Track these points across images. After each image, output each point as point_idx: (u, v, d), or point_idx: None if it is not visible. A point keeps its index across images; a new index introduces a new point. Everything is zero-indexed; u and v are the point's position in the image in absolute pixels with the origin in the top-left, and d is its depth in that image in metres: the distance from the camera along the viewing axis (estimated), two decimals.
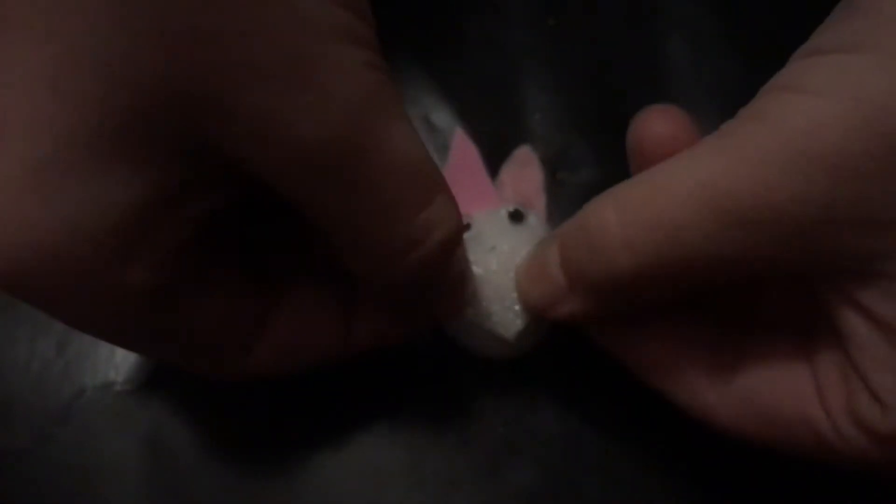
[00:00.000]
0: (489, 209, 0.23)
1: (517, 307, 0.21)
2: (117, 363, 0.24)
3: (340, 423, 0.23)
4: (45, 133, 0.14)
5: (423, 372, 0.23)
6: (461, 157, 0.25)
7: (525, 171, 0.25)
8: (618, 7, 0.29)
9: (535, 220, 0.23)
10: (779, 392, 0.18)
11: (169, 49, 0.14)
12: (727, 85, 0.27)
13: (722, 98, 0.27)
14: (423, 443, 0.22)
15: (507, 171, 0.25)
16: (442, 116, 0.27)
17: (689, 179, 0.17)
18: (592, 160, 0.26)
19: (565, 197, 0.26)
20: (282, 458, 0.22)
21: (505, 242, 0.22)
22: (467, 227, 0.22)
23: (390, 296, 0.19)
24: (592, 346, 0.23)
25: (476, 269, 0.21)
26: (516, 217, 0.23)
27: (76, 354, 0.24)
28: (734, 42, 0.27)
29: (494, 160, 0.26)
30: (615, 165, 0.26)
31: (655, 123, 0.20)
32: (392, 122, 0.16)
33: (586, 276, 0.18)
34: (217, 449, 0.23)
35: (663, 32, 0.28)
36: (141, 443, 0.23)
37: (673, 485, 0.22)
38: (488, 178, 0.25)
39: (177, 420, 0.23)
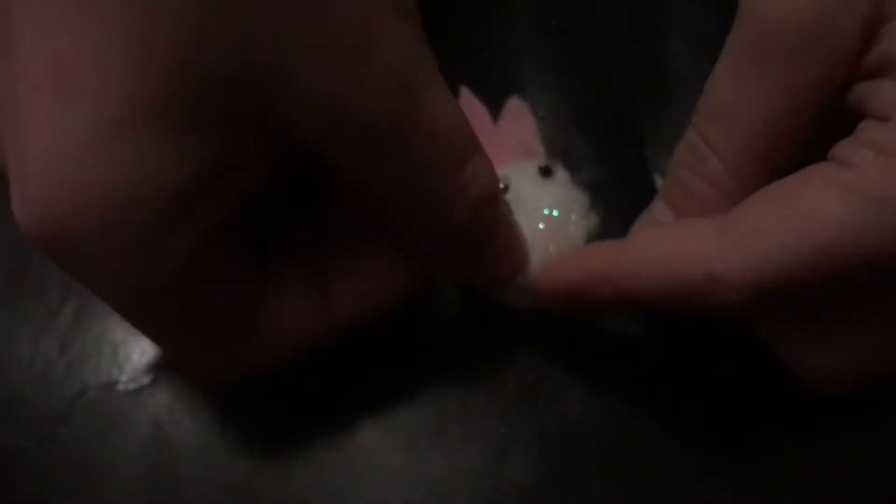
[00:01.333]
0: (518, 165, 0.24)
1: None
2: (120, 363, 0.24)
3: (341, 423, 0.23)
4: (115, 95, 0.15)
5: (423, 372, 0.23)
6: (469, 115, 0.25)
7: (519, 122, 0.26)
8: (619, 7, 0.29)
9: (562, 173, 0.24)
10: None
11: (234, 23, 0.14)
12: None
13: None
14: (424, 442, 0.23)
15: (503, 125, 0.26)
16: None
17: None
18: (595, 159, 0.26)
19: None
20: (283, 457, 0.22)
21: (544, 200, 0.23)
22: (505, 188, 0.23)
23: (439, 254, 0.20)
24: (592, 345, 0.23)
25: (525, 229, 0.22)
26: (546, 172, 0.23)
27: (79, 354, 0.24)
28: None
29: None
30: (617, 164, 0.26)
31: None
32: (436, 90, 0.17)
33: None
34: (219, 449, 0.23)
35: (664, 32, 0.28)
36: (143, 442, 0.23)
37: (675, 484, 0.22)
38: (497, 133, 0.25)
39: (179, 420, 0.23)
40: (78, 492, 0.22)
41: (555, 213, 0.22)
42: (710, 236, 0.18)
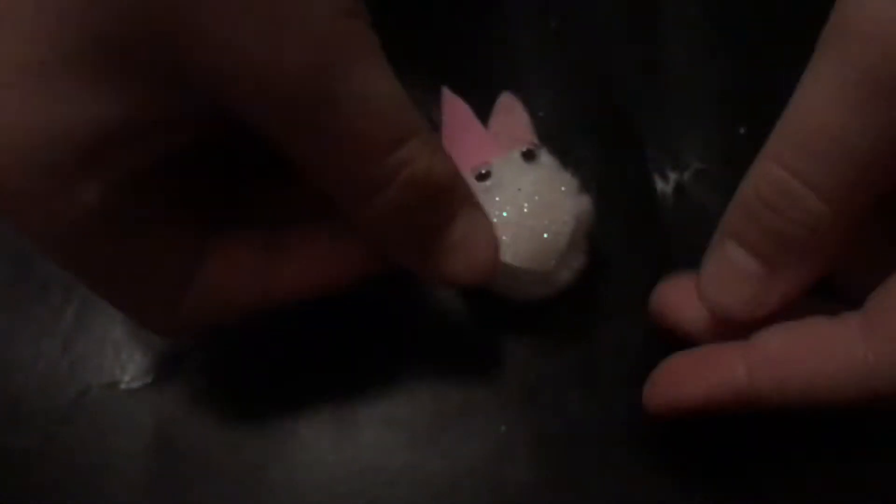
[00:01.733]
0: (499, 156, 0.23)
1: (559, 246, 0.22)
2: (122, 362, 0.24)
3: (342, 423, 0.23)
4: (27, 41, 0.15)
5: (423, 371, 0.23)
6: (453, 114, 0.25)
7: (511, 116, 0.25)
8: (618, 8, 0.29)
9: (547, 157, 0.23)
10: None
11: None
12: (727, 85, 0.27)
13: (722, 98, 0.27)
14: (424, 442, 0.23)
15: (496, 120, 0.25)
16: None
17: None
18: (595, 159, 0.26)
19: None
20: (285, 457, 0.23)
21: (527, 182, 0.22)
22: (487, 174, 0.23)
23: (375, 238, 0.19)
24: (593, 345, 0.23)
25: (509, 213, 0.22)
26: (529, 156, 0.23)
27: (81, 353, 0.24)
28: (733, 44, 0.27)
29: None
30: (617, 164, 0.26)
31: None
32: (365, 66, 0.17)
33: (788, 232, 0.18)
34: (222, 448, 0.23)
35: (663, 33, 0.28)
36: (146, 441, 0.23)
37: (676, 484, 0.22)
38: (483, 128, 0.25)
39: (182, 419, 0.23)
40: (81, 491, 0.22)
41: (537, 194, 0.22)
42: (857, 344, 0.17)
